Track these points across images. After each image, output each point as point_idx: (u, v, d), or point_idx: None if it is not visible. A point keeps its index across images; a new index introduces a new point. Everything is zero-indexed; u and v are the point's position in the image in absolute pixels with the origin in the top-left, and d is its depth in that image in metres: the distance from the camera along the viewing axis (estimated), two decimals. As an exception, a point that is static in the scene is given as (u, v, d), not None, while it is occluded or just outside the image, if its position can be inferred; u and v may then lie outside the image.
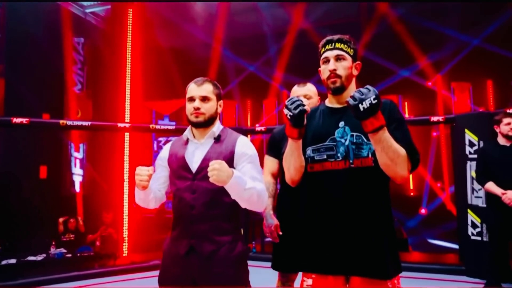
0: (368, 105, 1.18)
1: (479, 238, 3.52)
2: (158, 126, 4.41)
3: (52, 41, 5.94)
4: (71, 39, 6.46)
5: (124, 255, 4.97)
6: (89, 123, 3.91)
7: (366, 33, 7.23)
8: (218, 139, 1.55)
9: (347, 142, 1.33)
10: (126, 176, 5.38)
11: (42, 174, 6.05)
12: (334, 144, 1.35)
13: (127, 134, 5.13)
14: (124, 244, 5.11)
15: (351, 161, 1.31)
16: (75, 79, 6.78)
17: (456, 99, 7.85)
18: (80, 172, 6.74)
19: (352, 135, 1.33)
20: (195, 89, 1.55)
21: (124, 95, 5.85)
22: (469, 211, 3.64)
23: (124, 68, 5.93)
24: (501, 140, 3.14)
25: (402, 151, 1.25)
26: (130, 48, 5.74)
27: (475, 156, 3.50)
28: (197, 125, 1.54)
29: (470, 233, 3.63)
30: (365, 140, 1.30)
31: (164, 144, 8.31)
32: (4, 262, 4.05)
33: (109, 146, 5.97)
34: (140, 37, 6.16)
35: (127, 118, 5.37)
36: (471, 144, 3.62)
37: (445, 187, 7.41)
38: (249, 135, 7.51)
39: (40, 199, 5.44)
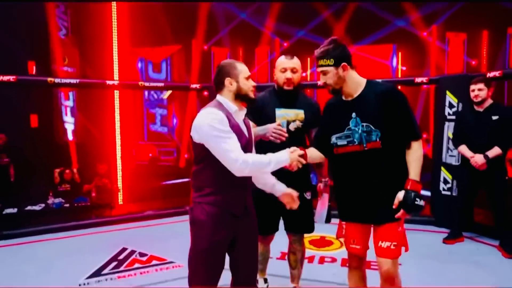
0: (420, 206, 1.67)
1: (449, 193, 3.79)
2: (147, 84, 4.40)
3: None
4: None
5: (119, 203, 5.22)
6: (77, 81, 3.88)
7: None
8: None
9: (359, 131, 1.72)
10: (117, 125, 5.40)
11: (33, 122, 6.07)
12: (351, 132, 1.75)
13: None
14: (119, 193, 5.35)
15: (364, 145, 1.71)
16: (59, 23, 6.49)
17: (449, 50, 7.78)
18: (72, 120, 6.76)
19: (363, 125, 1.71)
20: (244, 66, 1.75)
21: (111, 43, 5.67)
22: (442, 168, 3.87)
23: (110, 13, 5.65)
24: (475, 106, 3.25)
25: (418, 151, 1.70)
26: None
27: (453, 117, 3.64)
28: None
29: (441, 188, 3.90)
30: (373, 128, 1.69)
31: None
32: (5, 212, 4.27)
33: (99, 93, 5.87)
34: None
35: (116, 72, 5.29)
36: (451, 105, 3.73)
37: (430, 138, 7.60)
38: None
39: (33, 148, 5.48)
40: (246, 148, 1.65)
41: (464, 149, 3.24)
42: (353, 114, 1.73)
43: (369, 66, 7.56)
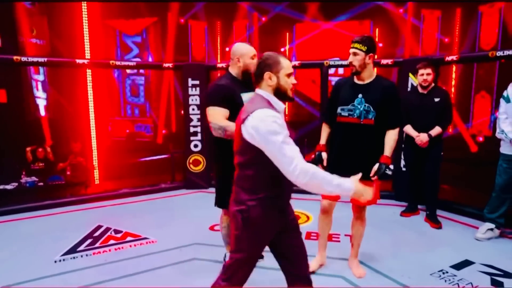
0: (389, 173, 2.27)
1: (408, 170, 4.04)
2: (118, 63, 4.35)
3: None
4: None
5: (96, 183, 5.24)
6: (45, 59, 3.80)
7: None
8: None
9: (361, 108, 2.28)
10: (91, 100, 5.31)
11: (2, 98, 5.88)
12: (354, 107, 2.30)
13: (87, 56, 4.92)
14: (94, 171, 5.36)
15: (361, 120, 2.29)
16: (24, -9, 6.15)
17: (424, 27, 7.94)
18: (44, 95, 6.59)
19: (365, 105, 2.27)
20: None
21: (81, 13, 5.46)
22: (403, 146, 4.10)
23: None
24: (420, 89, 3.45)
25: (395, 136, 2.29)
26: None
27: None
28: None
29: (402, 166, 4.16)
30: (372, 109, 2.25)
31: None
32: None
33: (70, 68, 5.70)
34: None
35: (87, 47, 5.16)
36: (412, 87, 3.92)
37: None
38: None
39: (3, 124, 5.33)
40: None
41: (409, 129, 3.48)
42: (360, 95, 2.28)
43: (346, 43, 7.66)
